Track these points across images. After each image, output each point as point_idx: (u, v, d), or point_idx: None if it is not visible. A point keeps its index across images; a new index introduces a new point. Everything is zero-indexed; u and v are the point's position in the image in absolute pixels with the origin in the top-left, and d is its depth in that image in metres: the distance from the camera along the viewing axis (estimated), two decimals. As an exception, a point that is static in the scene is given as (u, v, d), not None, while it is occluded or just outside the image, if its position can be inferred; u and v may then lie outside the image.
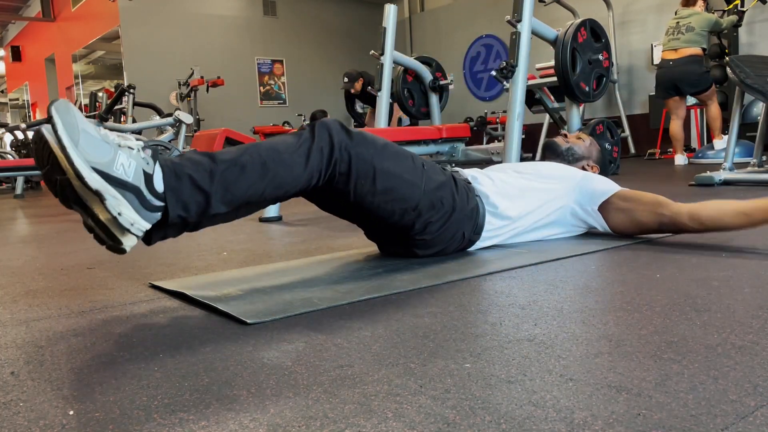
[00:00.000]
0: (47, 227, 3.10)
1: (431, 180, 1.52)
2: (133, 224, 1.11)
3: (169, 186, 1.15)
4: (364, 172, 1.40)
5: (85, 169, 1.04)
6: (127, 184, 1.09)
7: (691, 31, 5.32)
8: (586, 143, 2.04)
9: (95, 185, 1.05)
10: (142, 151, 1.15)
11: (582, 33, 3.40)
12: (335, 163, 1.36)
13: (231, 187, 1.21)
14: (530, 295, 1.20)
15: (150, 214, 1.13)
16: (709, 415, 0.65)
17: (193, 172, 1.18)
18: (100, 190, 1.06)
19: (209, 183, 1.19)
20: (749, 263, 1.39)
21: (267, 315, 1.13)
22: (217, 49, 9.86)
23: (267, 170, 1.26)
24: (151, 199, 1.13)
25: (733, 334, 0.91)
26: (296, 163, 1.30)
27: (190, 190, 1.17)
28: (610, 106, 8.01)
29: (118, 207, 1.08)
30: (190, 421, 0.70)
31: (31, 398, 0.80)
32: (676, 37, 5.40)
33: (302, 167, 1.31)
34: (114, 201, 1.08)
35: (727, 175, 3.39)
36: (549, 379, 0.77)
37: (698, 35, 5.33)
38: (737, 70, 3.31)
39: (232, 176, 1.21)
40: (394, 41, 5.07)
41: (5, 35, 15.90)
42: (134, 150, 1.13)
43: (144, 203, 1.12)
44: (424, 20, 11.14)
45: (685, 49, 5.34)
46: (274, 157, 1.28)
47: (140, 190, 1.11)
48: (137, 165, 1.12)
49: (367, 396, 0.75)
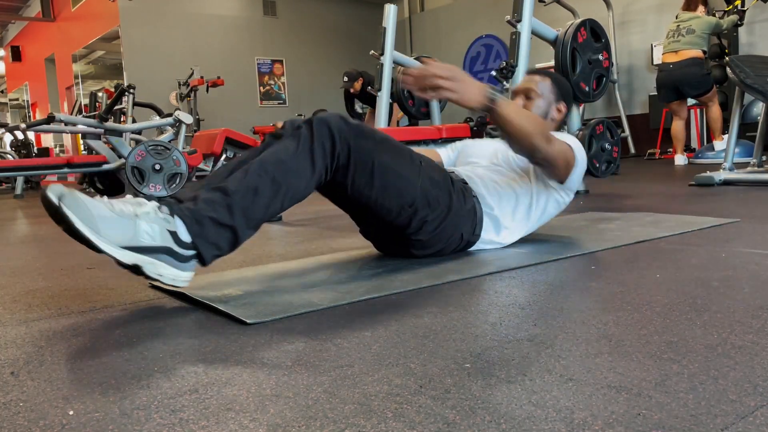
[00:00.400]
0: (47, 227, 3.10)
1: (428, 178, 1.52)
2: (175, 279, 1.20)
3: (195, 234, 1.20)
4: (362, 165, 1.40)
5: (115, 251, 1.12)
6: (157, 248, 1.16)
7: (691, 34, 5.33)
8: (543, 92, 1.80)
9: (129, 261, 1.14)
10: (159, 212, 1.19)
11: (582, 33, 3.40)
12: (337, 157, 1.37)
13: (251, 213, 1.25)
14: (530, 295, 1.20)
15: (186, 264, 1.21)
16: (709, 415, 0.65)
17: (212, 212, 1.21)
18: (136, 263, 1.14)
19: (230, 217, 1.22)
20: (749, 263, 1.39)
21: (267, 315, 1.13)
22: (217, 49, 9.86)
23: (279, 185, 1.28)
24: (183, 252, 1.19)
25: (733, 334, 0.91)
26: (303, 168, 1.32)
27: (215, 231, 1.21)
28: (610, 106, 8.01)
29: (156, 270, 1.17)
30: (190, 421, 0.70)
31: (31, 398, 0.80)
32: (677, 39, 5.41)
33: (310, 171, 1.33)
34: (151, 266, 1.16)
35: (727, 175, 3.39)
36: (549, 379, 0.77)
37: (699, 37, 5.33)
38: (737, 70, 3.31)
39: (248, 203, 1.24)
40: (394, 41, 5.07)
41: (5, 35, 15.89)
42: (151, 213, 1.18)
43: (178, 258, 1.19)
44: (424, 20, 11.13)
45: (685, 51, 5.35)
46: (282, 168, 1.29)
47: (171, 248, 1.18)
48: (159, 227, 1.17)
49: (367, 396, 0.75)
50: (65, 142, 12.98)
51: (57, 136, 13.14)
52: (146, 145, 4.24)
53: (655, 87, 7.66)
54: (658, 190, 3.35)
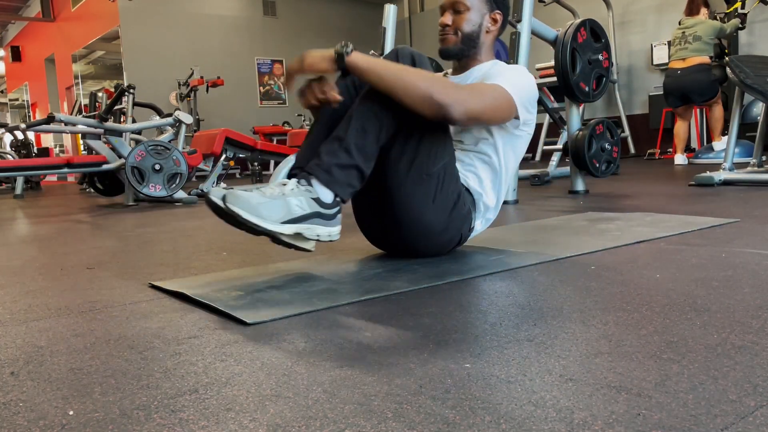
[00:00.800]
0: (47, 227, 3.10)
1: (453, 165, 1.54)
2: (330, 235, 1.41)
3: (327, 182, 1.38)
4: None
5: (279, 228, 1.33)
6: (309, 215, 1.36)
7: (698, 41, 5.35)
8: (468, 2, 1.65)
9: (291, 231, 1.35)
10: (299, 185, 1.38)
11: (582, 33, 3.40)
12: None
13: (365, 149, 1.40)
14: (530, 296, 1.20)
15: (334, 220, 1.41)
16: (709, 415, 0.65)
17: (334, 159, 1.38)
18: (296, 232, 1.36)
19: (350, 158, 1.38)
20: (749, 263, 1.39)
21: (267, 315, 1.13)
22: (217, 49, 9.87)
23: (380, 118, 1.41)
24: (328, 212, 1.40)
25: (732, 334, 0.91)
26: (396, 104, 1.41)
27: (343, 173, 1.38)
28: (609, 106, 8.01)
29: (315, 232, 1.38)
30: (190, 421, 0.70)
31: (31, 398, 0.80)
32: (684, 47, 5.43)
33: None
34: (309, 231, 1.37)
35: (726, 175, 3.39)
36: (549, 379, 0.77)
37: (705, 44, 5.35)
38: (737, 70, 3.31)
39: (361, 141, 1.39)
40: (394, 41, 5.07)
41: (5, 35, 15.89)
42: (295, 189, 1.37)
43: (326, 217, 1.39)
44: (424, 20, 11.13)
45: (693, 58, 5.37)
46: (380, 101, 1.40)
47: (319, 212, 1.38)
48: (305, 198, 1.36)
49: (367, 396, 0.75)
50: (65, 142, 12.99)
51: (57, 136, 13.15)
52: (146, 145, 4.23)
53: (655, 87, 7.69)
54: (657, 190, 3.35)
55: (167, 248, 2.09)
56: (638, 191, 3.36)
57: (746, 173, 3.47)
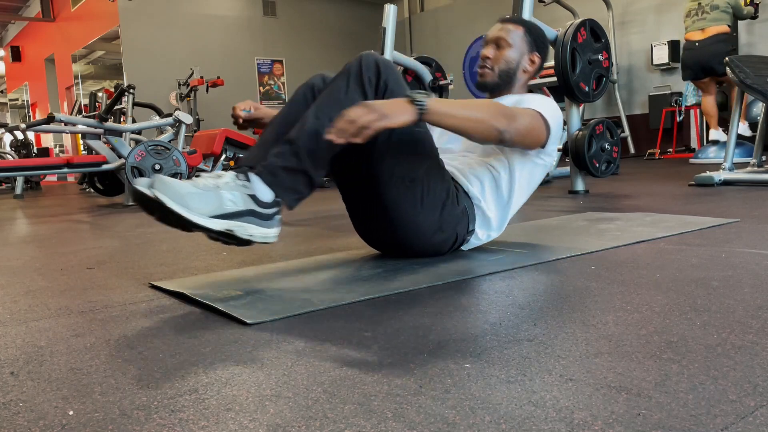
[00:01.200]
0: (47, 227, 3.10)
1: (436, 165, 1.53)
2: (265, 236, 1.31)
3: (271, 184, 1.31)
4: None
5: (206, 221, 1.23)
6: (242, 212, 1.27)
7: (716, 9, 5.22)
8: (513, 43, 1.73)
9: (220, 228, 1.25)
10: (237, 180, 1.30)
11: (582, 33, 3.40)
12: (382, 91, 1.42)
13: (317, 155, 1.34)
14: (530, 296, 1.20)
15: (271, 221, 1.32)
16: (709, 416, 0.65)
17: (282, 161, 1.32)
18: (226, 228, 1.26)
19: (299, 162, 1.32)
20: (749, 263, 1.39)
21: (267, 315, 1.13)
22: (217, 50, 9.87)
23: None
24: (265, 211, 1.31)
25: (732, 334, 0.91)
26: (356, 100, 1.36)
27: (289, 178, 1.32)
28: (609, 106, 8.01)
29: (246, 231, 1.28)
30: (189, 421, 0.70)
31: (31, 398, 0.80)
32: (701, 17, 5.29)
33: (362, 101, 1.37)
34: (241, 229, 1.27)
35: (726, 175, 3.39)
36: (549, 379, 0.77)
37: (723, 12, 5.22)
38: (737, 70, 3.31)
39: (313, 146, 1.33)
40: (393, 41, 5.07)
41: (5, 35, 15.89)
42: (231, 182, 1.29)
43: (262, 217, 1.30)
44: (424, 20, 11.14)
45: (711, 27, 5.23)
46: (337, 106, 1.35)
47: (253, 210, 1.29)
48: (240, 193, 1.28)
49: (367, 396, 0.75)
50: (65, 142, 12.99)
51: (57, 136, 13.15)
52: (146, 145, 4.24)
53: (655, 87, 7.70)
54: (657, 191, 3.35)
55: (167, 248, 2.09)
56: (638, 191, 3.36)
57: (746, 173, 3.47)
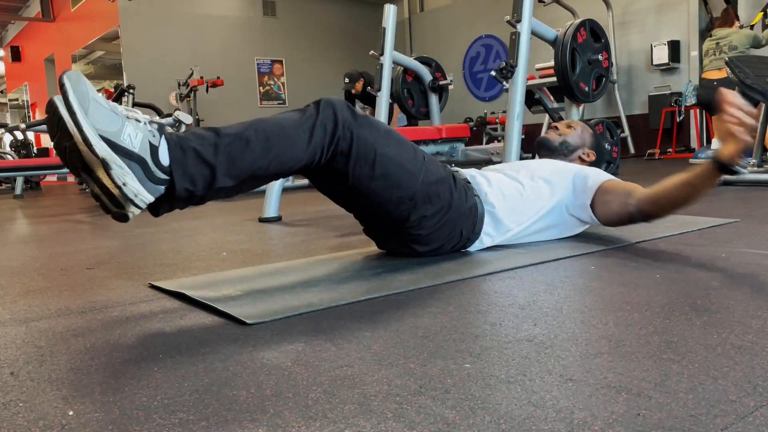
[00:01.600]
0: (47, 227, 3.10)
1: (430, 172, 1.52)
2: (137, 195, 1.13)
3: (175, 159, 1.18)
4: (364, 154, 1.40)
5: (93, 136, 1.08)
6: (132, 155, 1.12)
7: (734, 50, 5.34)
8: (578, 131, 2.01)
9: (102, 153, 1.09)
10: (149, 125, 1.17)
11: (582, 33, 3.40)
12: (337, 141, 1.36)
13: (236, 161, 1.23)
14: (530, 296, 1.20)
15: (154, 186, 1.16)
16: (709, 416, 0.65)
17: (198, 145, 1.21)
18: (106, 158, 1.09)
19: (214, 156, 1.21)
20: (749, 263, 1.39)
21: (267, 315, 1.13)
22: (217, 50, 9.87)
23: (271, 145, 1.28)
24: (156, 172, 1.15)
25: (732, 334, 0.91)
26: (300, 138, 1.31)
27: (195, 164, 1.20)
28: (609, 107, 8.01)
29: (123, 177, 1.11)
30: (189, 421, 0.70)
31: (31, 398, 0.80)
32: (719, 57, 5.41)
33: (305, 143, 1.32)
34: (119, 170, 1.11)
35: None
36: (548, 380, 0.77)
37: (741, 53, 5.33)
38: (737, 70, 3.32)
39: (236, 150, 1.23)
40: (393, 41, 5.07)
41: (5, 35, 15.89)
42: (141, 123, 1.16)
43: (149, 175, 1.14)
44: (424, 20, 11.14)
45: None
46: (279, 132, 1.30)
47: (146, 161, 1.14)
48: (144, 137, 1.14)
49: (367, 396, 0.75)
50: (65, 142, 12.96)
51: (57, 136, 13.12)
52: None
53: (654, 87, 7.70)
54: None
55: (167, 248, 2.09)
56: (638, 191, 3.36)
57: (746, 173, 3.47)
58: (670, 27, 7.61)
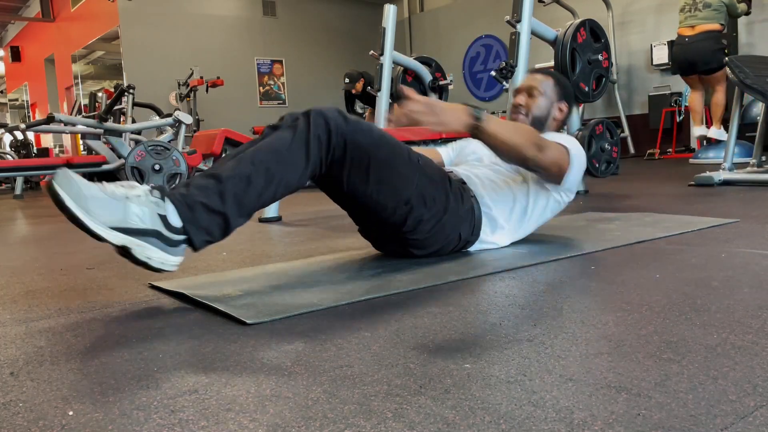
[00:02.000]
0: (46, 228, 3.10)
1: (425, 176, 1.51)
2: (164, 263, 1.19)
3: (186, 219, 1.20)
4: (358, 160, 1.39)
5: (104, 232, 1.13)
6: (146, 231, 1.16)
7: (708, 8, 5.25)
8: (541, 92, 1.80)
9: (118, 242, 1.15)
10: (151, 195, 1.19)
11: (581, 33, 3.40)
12: (333, 150, 1.36)
13: (243, 201, 1.26)
14: (530, 296, 1.20)
15: (176, 249, 1.20)
16: (709, 416, 0.65)
17: (204, 198, 1.22)
18: (125, 244, 1.15)
19: (222, 204, 1.23)
20: (749, 263, 1.39)
21: (267, 315, 1.13)
22: (217, 50, 9.86)
23: (272, 175, 1.29)
24: (172, 237, 1.19)
25: (732, 334, 0.91)
26: (298, 158, 1.32)
27: (207, 217, 1.22)
28: (609, 107, 8.01)
29: (144, 253, 1.17)
30: (189, 421, 0.70)
31: (31, 398, 0.80)
32: (693, 14, 5.33)
33: (304, 162, 1.33)
34: (140, 249, 1.16)
35: (726, 175, 3.39)
36: (548, 380, 0.77)
37: (715, 11, 5.24)
38: (737, 70, 3.31)
39: (241, 191, 1.25)
40: (393, 41, 5.07)
41: (5, 35, 15.89)
42: (142, 196, 1.18)
43: (167, 242, 1.19)
44: (424, 20, 11.14)
45: (702, 25, 5.27)
46: (276, 158, 1.30)
47: (160, 232, 1.18)
48: (150, 210, 1.17)
49: (367, 396, 0.75)
50: (65, 142, 12.98)
51: (57, 136, 13.14)
52: (146, 146, 4.24)
53: (654, 87, 7.70)
54: (657, 191, 3.35)
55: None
56: (638, 191, 3.36)
57: (746, 173, 3.47)
58: (670, 27, 7.60)
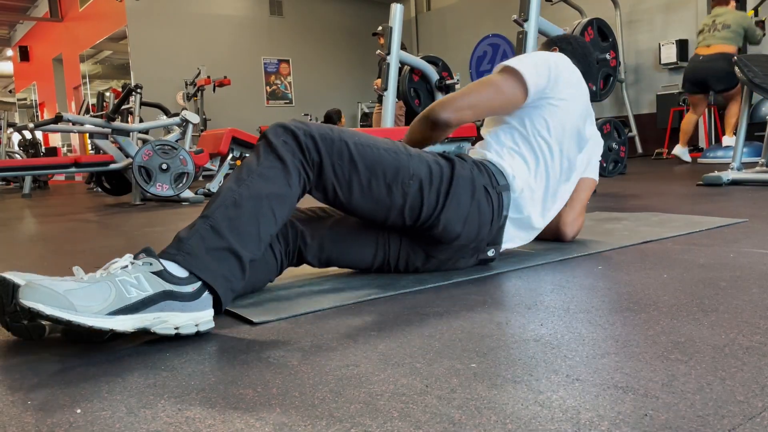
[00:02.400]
0: (54, 226, 3.12)
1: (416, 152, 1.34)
2: (197, 325, 1.00)
3: (189, 264, 1.02)
4: (338, 152, 1.21)
5: (105, 322, 0.91)
6: (153, 299, 0.96)
7: (726, 29, 5.27)
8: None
9: (130, 326, 0.94)
10: (135, 260, 1.01)
11: (589, 32, 3.39)
12: (308, 151, 1.18)
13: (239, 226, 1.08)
14: (536, 296, 1.20)
15: (199, 301, 1.01)
16: (717, 416, 0.65)
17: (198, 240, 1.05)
18: (139, 326, 0.95)
19: (220, 238, 1.05)
20: (757, 264, 1.38)
21: (273, 314, 1.13)
22: (224, 49, 9.90)
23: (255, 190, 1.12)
24: (184, 290, 0.99)
25: (740, 334, 0.90)
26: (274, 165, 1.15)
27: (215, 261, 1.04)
28: (617, 106, 7.99)
29: (167, 326, 0.97)
30: (196, 420, 0.71)
31: (38, 397, 0.80)
32: (711, 34, 5.35)
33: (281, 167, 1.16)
34: (160, 324, 0.96)
35: (734, 174, 3.37)
36: (555, 380, 0.77)
37: (733, 32, 5.26)
38: (745, 69, 3.30)
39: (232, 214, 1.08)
40: (400, 41, 5.07)
41: (13, 35, 15.98)
42: (129, 265, 0.99)
43: (184, 298, 0.99)
44: (431, 19, 11.13)
45: (718, 45, 5.29)
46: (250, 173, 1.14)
47: (170, 291, 0.98)
48: (142, 274, 0.97)
49: (373, 395, 0.75)
50: (73, 141, 13.06)
51: (65, 135, 13.23)
52: (153, 145, 4.25)
53: (662, 86, 7.67)
54: (665, 190, 3.34)
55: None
56: (646, 191, 3.35)
57: (754, 173, 3.45)
58: (678, 26, 7.57)
